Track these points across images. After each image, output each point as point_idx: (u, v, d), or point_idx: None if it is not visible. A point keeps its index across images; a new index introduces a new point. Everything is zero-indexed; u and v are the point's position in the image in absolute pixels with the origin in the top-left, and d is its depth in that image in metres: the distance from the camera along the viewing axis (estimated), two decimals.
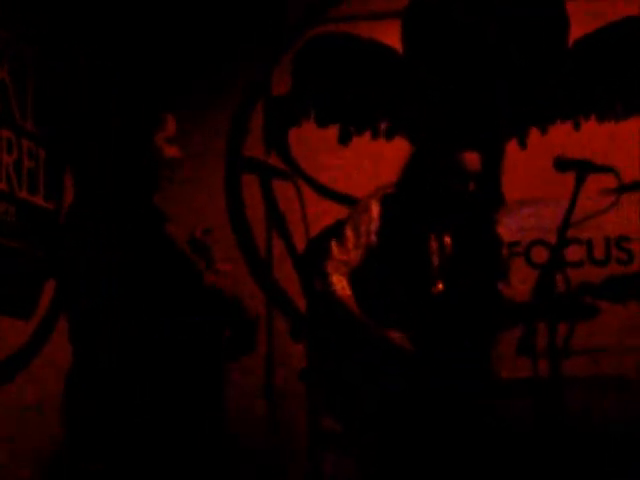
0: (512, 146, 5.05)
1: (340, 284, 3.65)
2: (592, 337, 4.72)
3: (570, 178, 3.32)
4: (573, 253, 4.82)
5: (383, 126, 5.17)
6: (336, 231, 3.76)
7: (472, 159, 3.61)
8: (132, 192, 3.25)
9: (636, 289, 3.55)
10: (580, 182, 3.26)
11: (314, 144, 5.23)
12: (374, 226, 3.69)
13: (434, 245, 3.68)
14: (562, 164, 3.34)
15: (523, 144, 5.03)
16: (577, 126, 4.96)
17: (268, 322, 5.04)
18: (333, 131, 5.22)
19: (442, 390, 3.55)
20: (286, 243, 3.22)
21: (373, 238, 3.69)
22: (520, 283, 4.64)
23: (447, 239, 3.69)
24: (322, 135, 5.24)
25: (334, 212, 4.77)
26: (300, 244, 4.77)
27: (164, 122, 3.30)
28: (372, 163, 5.03)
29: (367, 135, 5.17)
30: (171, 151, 3.29)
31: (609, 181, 3.48)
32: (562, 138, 4.94)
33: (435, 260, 3.66)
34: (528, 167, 4.96)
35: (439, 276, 3.65)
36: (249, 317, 3.36)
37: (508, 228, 4.95)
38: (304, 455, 4.47)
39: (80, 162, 4.80)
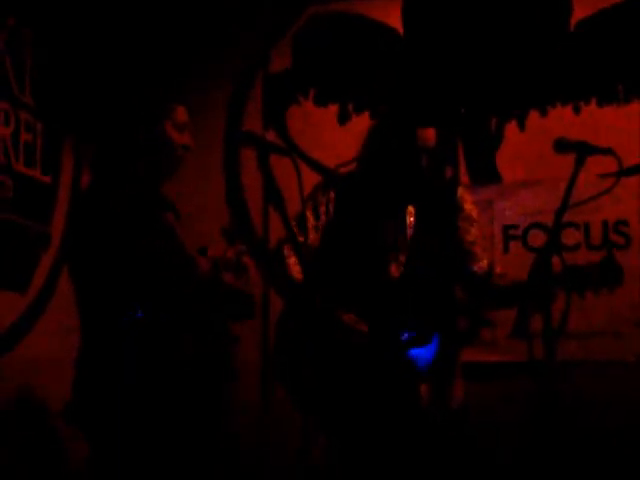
0: (511, 128, 5.03)
1: (296, 267, 3.61)
2: (587, 322, 4.73)
3: (569, 160, 3.30)
4: (570, 237, 4.82)
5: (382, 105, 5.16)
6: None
7: (427, 135, 3.59)
8: (142, 179, 3.26)
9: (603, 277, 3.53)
10: (580, 164, 3.24)
11: (313, 122, 5.22)
12: (332, 206, 3.66)
13: (395, 224, 3.65)
14: (562, 146, 3.32)
15: (522, 126, 5.02)
16: (577, 109, 4.95)
17: (264, 300, 5.06)
18: (332, 110, 5.20)
19: (398, 373, 3.52)
20: (283, 221, 3.19)
21: (331, 218, 3.66)
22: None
23: (410, 218, 3.67)
24: (321, 114, 5.22)
25: None
26: None
27: (173, 110, 3.31)
28: None
29: (366, 114, 5.15)
30: (182, 139, 3.31)
31: (609, 164, 3.48)
32: (562, 120, 4.93)
33: (397, 240, 3.63)
34: (527, 149, 4.95)
35: (401, 256, 3.63)
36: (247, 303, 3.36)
37: (506, 211, 4.97)
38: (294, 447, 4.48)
39: (82, 139, 4.80)
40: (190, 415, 3.15)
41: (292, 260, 3.61)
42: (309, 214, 3.66)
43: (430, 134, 3.58)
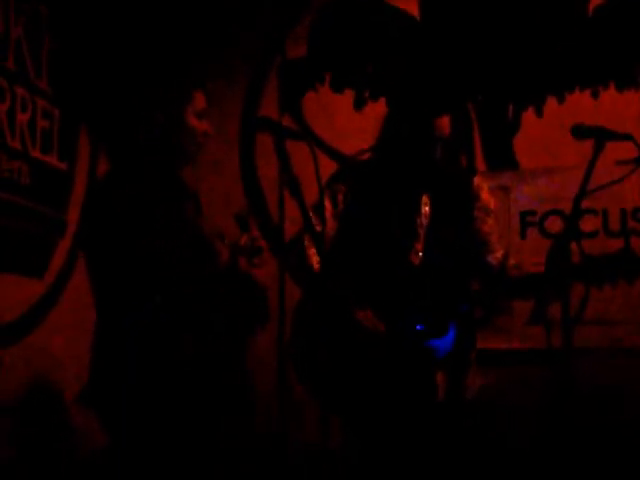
0: (529, 114, 5.01)
1: (316, 257, 3.59)
2: (604, 309, 4.71)
3: (587, 147, 3.28)
4: (588, 223, 4.80)
5: None
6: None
7: (441, 123, 3.56)
8: (160, 165, 3.26)
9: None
10: (598, 150, 3.22)
11: (329, 108, 5.20)
12: (349, 194, 3.65)
13: (411, 213, 3.62)
14: (580, 131, 3.30)
15: (540, 112, 4.99)
16: (595, 95, 4.92)
17: (280, 287, 5.06)
18: (348, 96, 5.18)
19: (415, 363, 3.50)
20: (301, 210, 3.18)
21: (348, 207, 3.64)
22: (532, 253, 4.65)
23: (425, 208, 3.65)
24: (337, 100, 5.20)
25: None
26: None
27: (194, 97, 3.31)
28: None
29: (382, 100, 5.13)
30: (201, 126, 3.31)
31: (628, 150, 3.45)
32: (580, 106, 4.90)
33: (413, 229, 3.61)
34: (545, 135, 4.93)
35: (417, 245, 3.61)
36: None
37: (523, 197, 4.95)
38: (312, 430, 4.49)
39: (99, 126, 4.81)
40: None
41: (312, 250, 3.60)
42: (327, 203, 3.64)
43: (445, 122, 3.56)
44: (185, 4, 5.27)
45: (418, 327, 3.50)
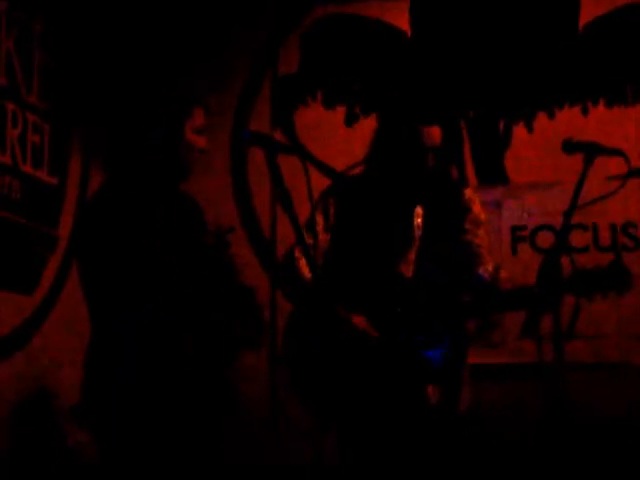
0: (519, 130, 5.02)
1: (306, 268, 3.57)
2: (595, 324, 4.72)
3: (578, 163, 3.29)
4: (579, 238, 4.81)
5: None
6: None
7: (432, 133, 3.57)
8: (159, 179, 3.26)
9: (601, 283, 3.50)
10: (588, 164, 3.23)
11: (320, 124, 5.21)
12: (342, 207, 3.65)
13: (404, 225, 3.63)
14: (570, 146, 3.31)
15: (530, 128, 5.01)
16: (585, 111, 4.94)
17: (271, 302, 5.05)
18: (340, 112, 5.19)
19: (408, 374, 3.50)
20: (292, 222, 3.18)
21: (341, 220, 3.65)
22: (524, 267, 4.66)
23: (417, 219, 3.65)
24: (328, 116, 5.21)
25: None
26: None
27: (193, 113, 3.31)
28: None
29: (373, 116, 5.14)
30: (199, 141, 3.31)
31: (617, 165, 3.47)
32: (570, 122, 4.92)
33: (406, 240, 3.62)
34: (535, 151, 4.94)
35: (410, 255, 3.61)
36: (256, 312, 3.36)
37: (514, 212, 4.96)
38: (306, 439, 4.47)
39: (90, 141, 4.81)
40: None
41: (303, 261, 3.60)
42: (319, 217, 3.65)
43: (436, 132, 3.57)
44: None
45: (415, 337, 3.49)
